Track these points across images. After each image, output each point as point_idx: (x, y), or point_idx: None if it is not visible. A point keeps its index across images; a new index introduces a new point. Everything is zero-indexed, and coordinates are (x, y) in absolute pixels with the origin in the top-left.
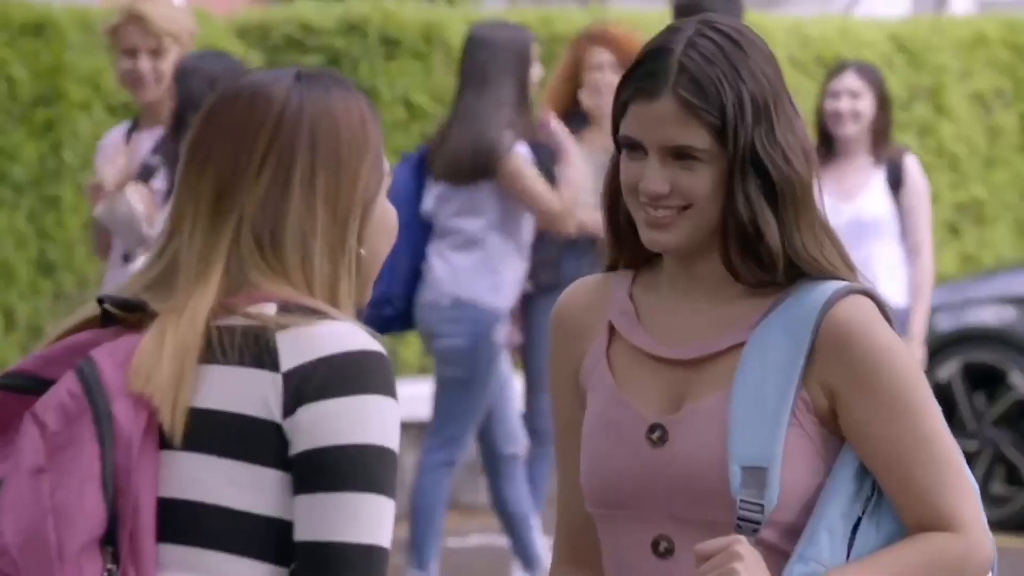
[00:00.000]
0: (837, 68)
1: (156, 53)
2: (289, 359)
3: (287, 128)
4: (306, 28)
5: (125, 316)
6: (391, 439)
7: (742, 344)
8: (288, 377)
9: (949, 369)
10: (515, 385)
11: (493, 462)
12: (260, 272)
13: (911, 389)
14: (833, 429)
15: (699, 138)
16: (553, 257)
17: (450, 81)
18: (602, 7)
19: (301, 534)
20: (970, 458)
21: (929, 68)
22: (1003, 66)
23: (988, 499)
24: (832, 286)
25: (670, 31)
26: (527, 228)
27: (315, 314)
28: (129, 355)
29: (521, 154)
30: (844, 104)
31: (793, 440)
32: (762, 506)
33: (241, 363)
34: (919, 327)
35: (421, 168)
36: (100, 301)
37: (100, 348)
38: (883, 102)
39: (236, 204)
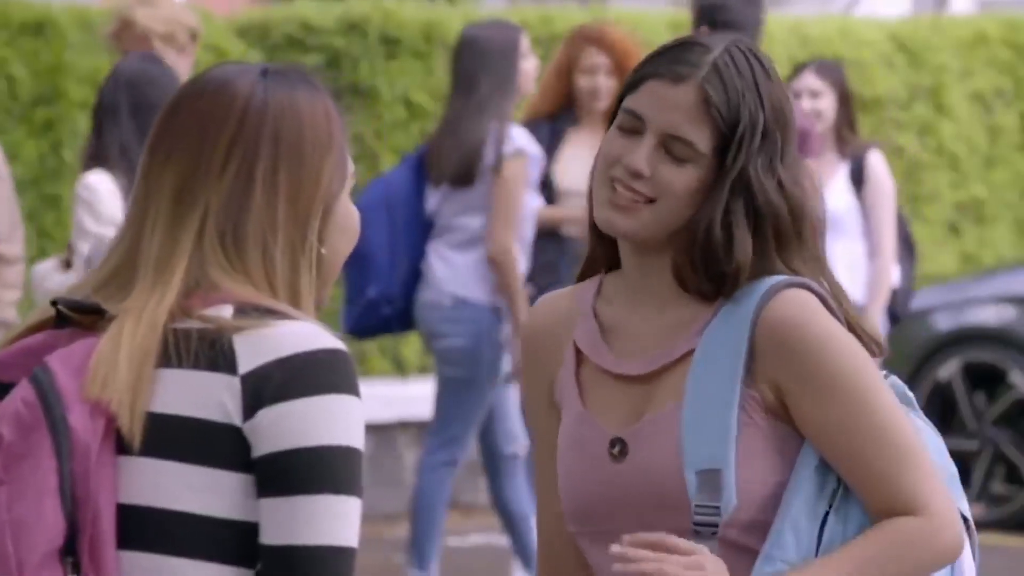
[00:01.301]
0: (797, 68)
1: None
2: (247, 362)
3: (251, 123)
4: (306, 27)
5: (80, 318)
6: (355, 438)
7: (693, 351)
8: (246, 380)
9: (949, 368)
10: (515, 385)
11: (493, 462)
12: (221, 269)
13: (855, 376)
14: (790, 424)
15: (703, 139)
16: (552, 259)
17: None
18: (602, 6)
19: (267, 538)
20: (971, 457)
21: (929, 67)
22: (1003, 65)
23: (988, 498)
24: (768, 282)
25: (705, 36)
26: (527, 226)
27: (272, 315)
28: (84, 360)
29: (523, 164)
30: (804, 104)
31: (748, 439)
32: (718, 508)
33: (197, 367)
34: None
35: (420, 168)
36: (54, 303)
37: (54, 354)
38: (844, 99)
39: (200, 199)
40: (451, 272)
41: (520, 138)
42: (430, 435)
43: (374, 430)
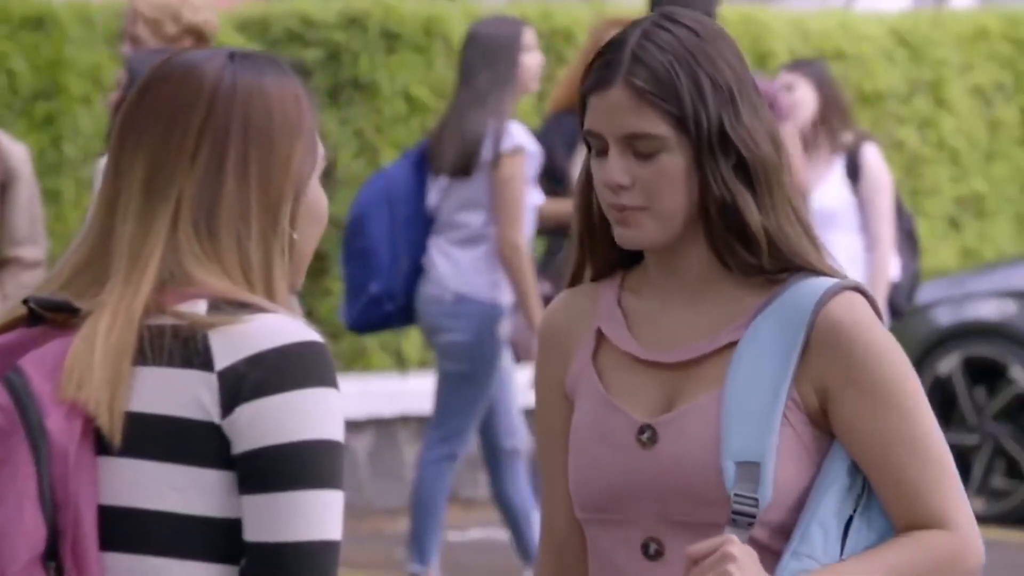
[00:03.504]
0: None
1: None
2: (222, 358)
3: (220, 108)
4: (307, 22)
5: (52, 316)
6: (334, 431)
7: (734, 343)
8: (223, 376)
9: (950, 363)
10: (516, 379)
11: (493, 456)
12: (196, 259)
13: (904, 386)
14: (824, 429)
15: (655, 125)
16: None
17: (450, 75)
18: (601, 0)
19: (251, 535)
20: (971, 452)
21: (930, 62)
22: (1004, 60)
23: (988, 493)
24: (824, 283)
25: (630, 25)
26: (529, 223)
27: (246, 309)
28: (58, 360)
29: (521, 160)
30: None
31: (784, 440)
32: (756, 500)
33: (172, 364)
34: None
35: (421, 163)
36: (26, 301)
37: (27, 356)
38: (826, 92)
39: (172, 187)
40: (453, 268)
41: (518, 134)
42: (430, 430)
43: (375, 425)
